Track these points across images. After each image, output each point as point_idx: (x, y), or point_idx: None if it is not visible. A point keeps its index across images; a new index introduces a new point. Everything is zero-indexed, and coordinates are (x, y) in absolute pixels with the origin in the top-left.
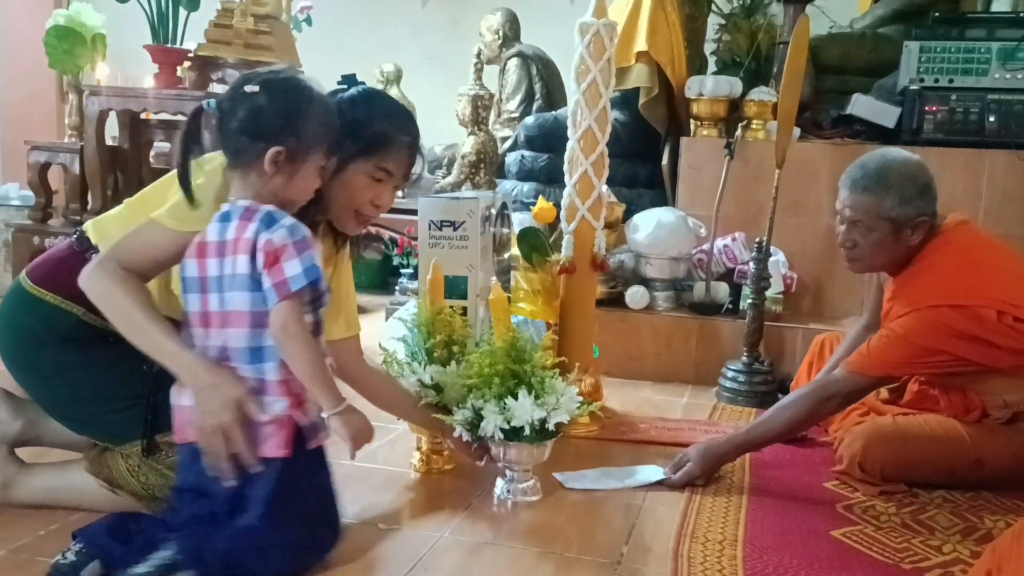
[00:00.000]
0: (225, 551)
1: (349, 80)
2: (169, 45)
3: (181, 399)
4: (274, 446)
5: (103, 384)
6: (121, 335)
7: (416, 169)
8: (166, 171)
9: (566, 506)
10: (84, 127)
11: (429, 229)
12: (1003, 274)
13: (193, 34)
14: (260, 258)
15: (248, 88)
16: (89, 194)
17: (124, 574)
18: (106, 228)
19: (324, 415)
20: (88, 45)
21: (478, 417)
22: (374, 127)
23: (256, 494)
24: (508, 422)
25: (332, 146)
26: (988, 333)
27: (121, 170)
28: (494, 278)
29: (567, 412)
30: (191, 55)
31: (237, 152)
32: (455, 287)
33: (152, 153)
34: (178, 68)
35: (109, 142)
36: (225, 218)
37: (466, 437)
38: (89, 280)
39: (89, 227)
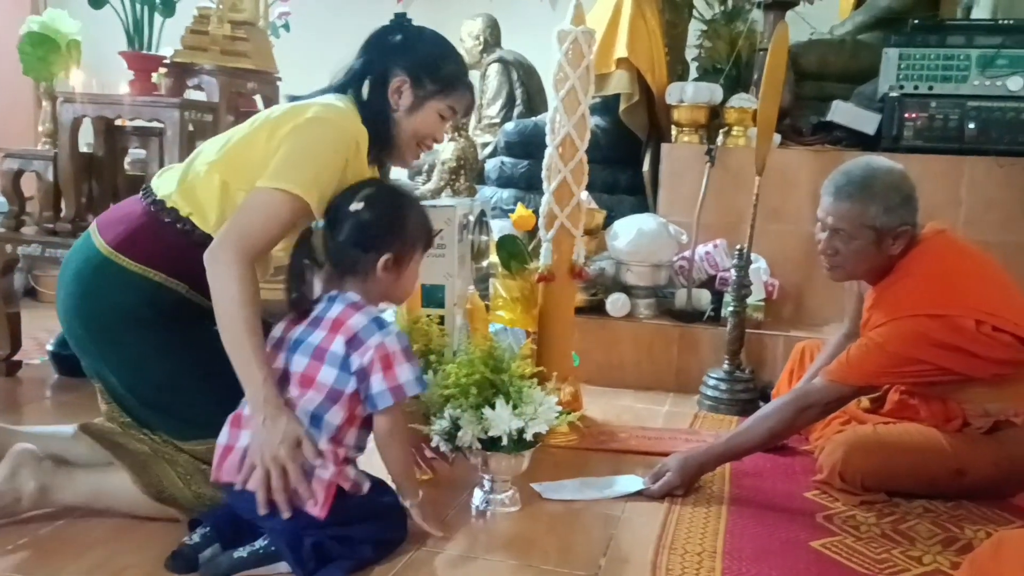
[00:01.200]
0: (316, 544)
1: (402, 17)
2: (144, 52)
3: (238, 439)
4: (314, 506)
5: (200, 372)
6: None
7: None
8: (141, 178)
9: (544, 517)
10: (58, 134)
11: None
12: (981, 283)
13: (169, 40)
14: (370, 355)
15: (353, 207)
16: (63, 201)
17: (228, 556)
18: (196, 196)
19: (406, 503)
20: (63, 52)
21: (455, 427)
22: (449, 68)
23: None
24: (486, 432)
25: (428, 244)
26: (967, 342)
27: (96, 177)
28: (472, 287)
29: (545, 422)
30: (167, 61)
31: (352, 264)
32: (432, 296)
33: (127, 160)
34: (154, 74)
35: (84, 149)
36: (331, 300)
37: (444, 447)
38: (214, 266)
39: (175, 196)
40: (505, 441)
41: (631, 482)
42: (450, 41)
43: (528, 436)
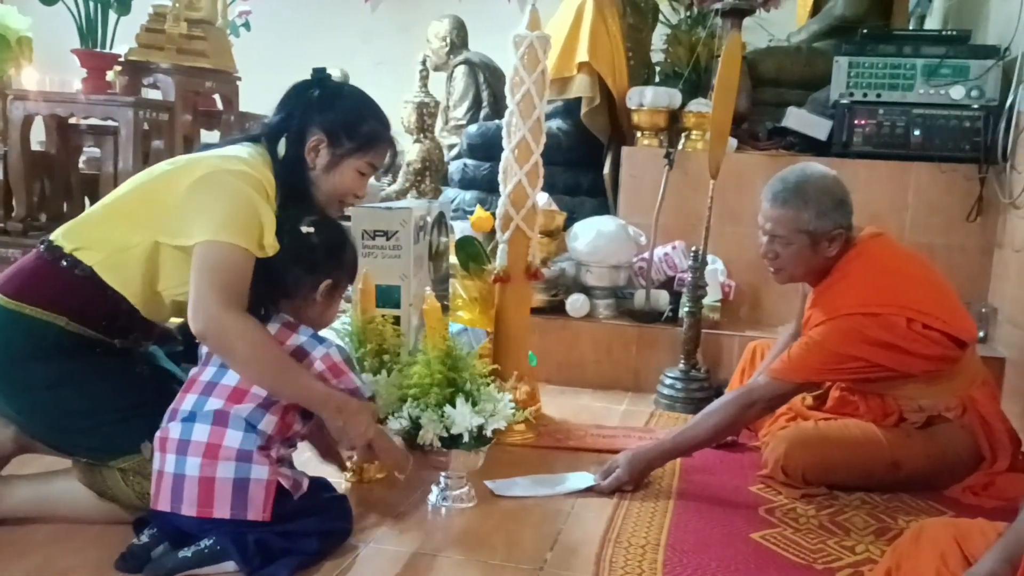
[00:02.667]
0: (259, 540)
1: (321, 72)
2: (99, 49)
3: (165, 464)
4: (255, 512)
5: (98, 395)
6: (106, 343)
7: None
8: (96, 177)
9: (495, 514)
10: (8, 132)
11: (362, 239)
12: (913, 283)
13: (124, 38)
14: (319, 365)
15: (304, 228)
16: (14, 200)
17: (173, 555)
18: (85, 233)
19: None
20: (13, 48)
21: (415, 426)
22: (367, 125)
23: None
24: (447, 430)
25: (354, 279)
26: (899, 340)
27: (48, 176)
28: (428, 287)
29: (504, 418)
30: (122, 60)
31: (294, 283)
32: (388, 296)
33: (82, 159)
34: (108, 73)
35: (37, 147)
36: (265, 320)
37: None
38: (212, 330)
39: (59, 235)
40: (466, 438)
41: (582, 479)
42: (370, 96)
43: (487, 432)
